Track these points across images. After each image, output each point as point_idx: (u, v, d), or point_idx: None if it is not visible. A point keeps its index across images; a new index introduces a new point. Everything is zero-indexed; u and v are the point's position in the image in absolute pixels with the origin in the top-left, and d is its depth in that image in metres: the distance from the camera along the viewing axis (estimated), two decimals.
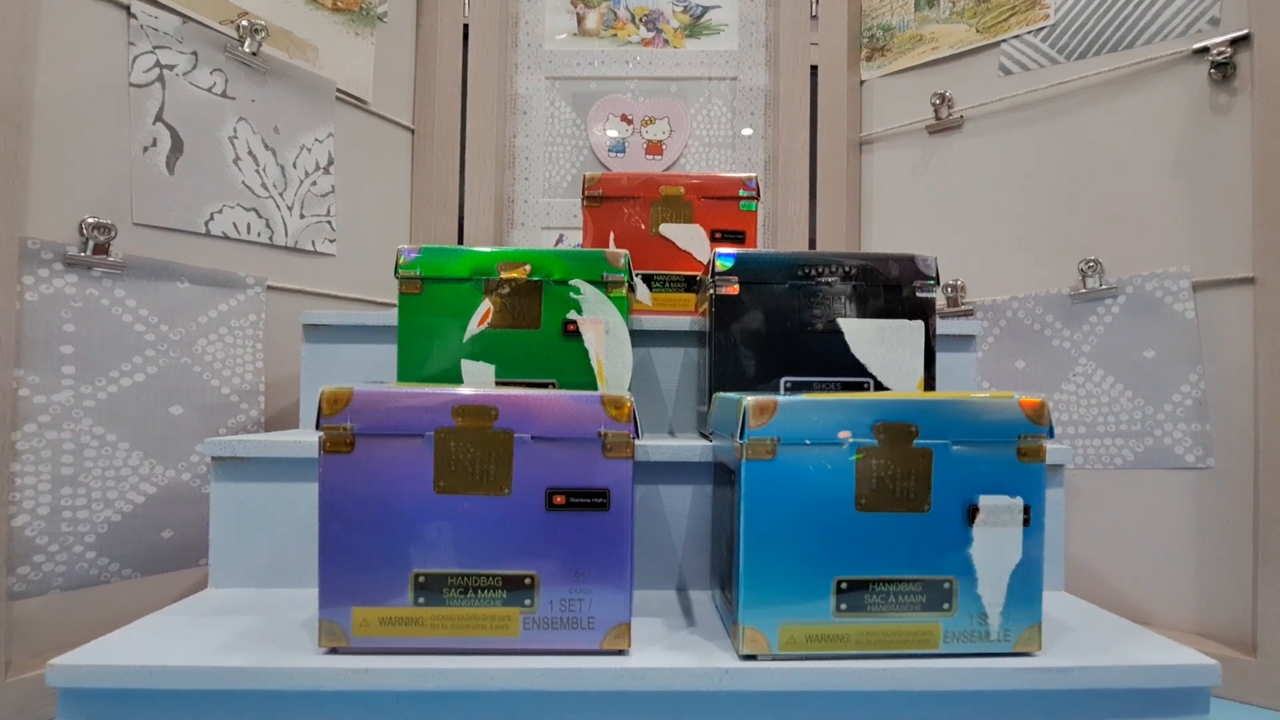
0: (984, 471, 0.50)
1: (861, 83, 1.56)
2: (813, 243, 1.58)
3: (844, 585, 0.49)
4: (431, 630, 0.51)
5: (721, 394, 0.63)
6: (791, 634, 0.49)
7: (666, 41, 1.66)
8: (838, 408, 0.49)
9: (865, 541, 0.49)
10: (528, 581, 0.52)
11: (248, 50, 1.16)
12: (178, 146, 1.08)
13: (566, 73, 1.66)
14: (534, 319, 0.75)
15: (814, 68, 1.59)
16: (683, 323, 0.90)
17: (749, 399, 0.49)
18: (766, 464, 0.49)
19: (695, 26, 1.67)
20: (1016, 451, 0.49)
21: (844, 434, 0.49)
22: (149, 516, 1.01)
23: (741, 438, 0.49)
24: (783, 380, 0.75)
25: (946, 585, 0.50)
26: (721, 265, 0.75)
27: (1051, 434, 0.50)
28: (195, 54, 1.10)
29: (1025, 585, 0.50)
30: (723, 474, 0.60)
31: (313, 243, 1.29)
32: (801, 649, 0.49)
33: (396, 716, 0.51)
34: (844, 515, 0.49)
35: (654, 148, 1.64)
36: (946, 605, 0.50)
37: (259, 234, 1.19)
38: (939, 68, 1.43)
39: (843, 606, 0.49)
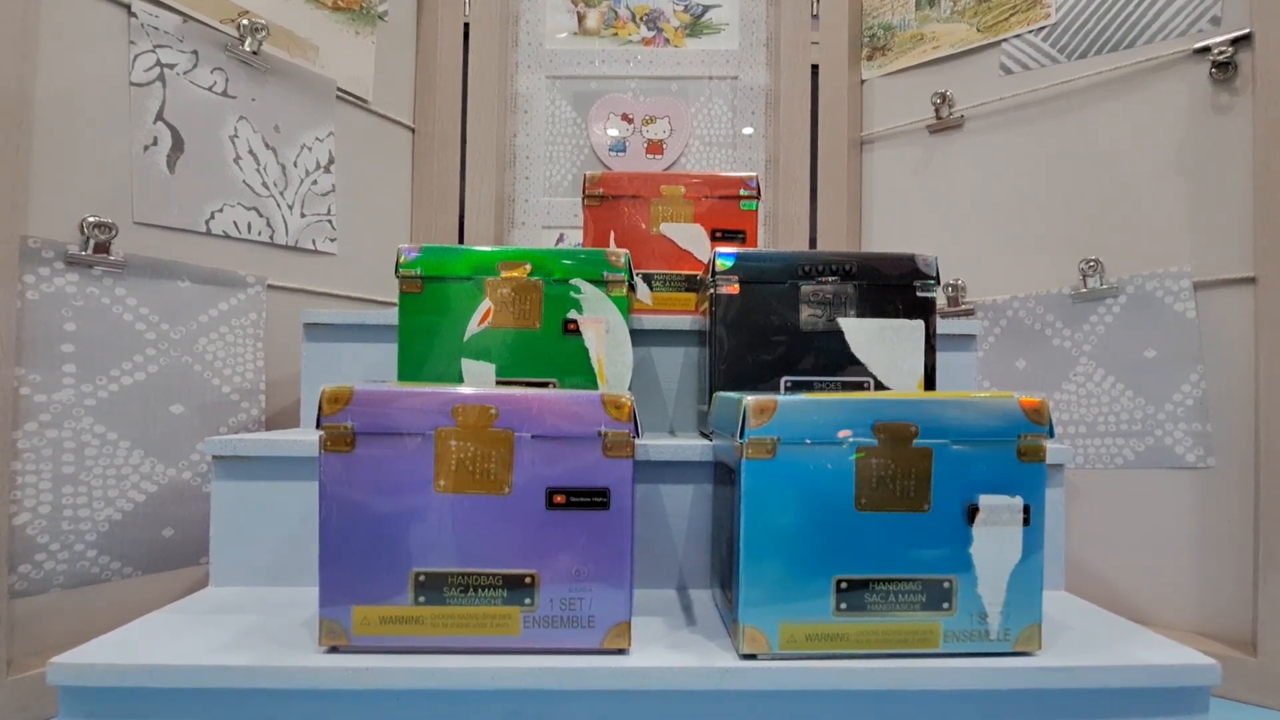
0: (984, 471, 0.50)
1: (862, 82, 1.56)
2: (813, 242, 1.58)
3: (844, 584, 0.49)
4: (432, 629, 0.51)
5: (721, 393, 0.63)
6: (792, 633, 0.49)
7: (667, 41, 1.66)
8: (838, 407, 0.49)
9: (865, 541, 0.49)
10: (528, 580, 0.52)
11: (248, 49, 1.16)
12: (178, 145, 1.08)
13: (567, 72, 1.66)
14: (534, 318, 0.75)
15: (815, 67, 1.59)
16: (683, 322, 0.90)
17: (749, 399, 0.49)
18: (767, 463, 0.49)
19: (696, 26, 1.67)
20: (1017, 451, 0.49)
21: (844, 433, 0.49)
22: (150, 515, 1.01)
23: (741, 437, 0.49)
24: (783, 380, 0.75)
25: (946, 584, 0.50)
26: (722, 265, 0.75)
27: (1052, 434, 0.50)
28: (196, 53, 1.10)
29: (1025, 584, 0.50)
30: (723, 473, 0.60)
31: (313, 242, 1.29)
32: (802, 648, 0.49)
33: (397, 715, 0.51)
34: (844, 514, 0.49)
35: (654, 147, 1.64)
36: (946, 605, 0.50)
37: (259, 233, 1.19)
38: (940, 67, 1.43)
39: (843, 606, 0.49)
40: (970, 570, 0.50)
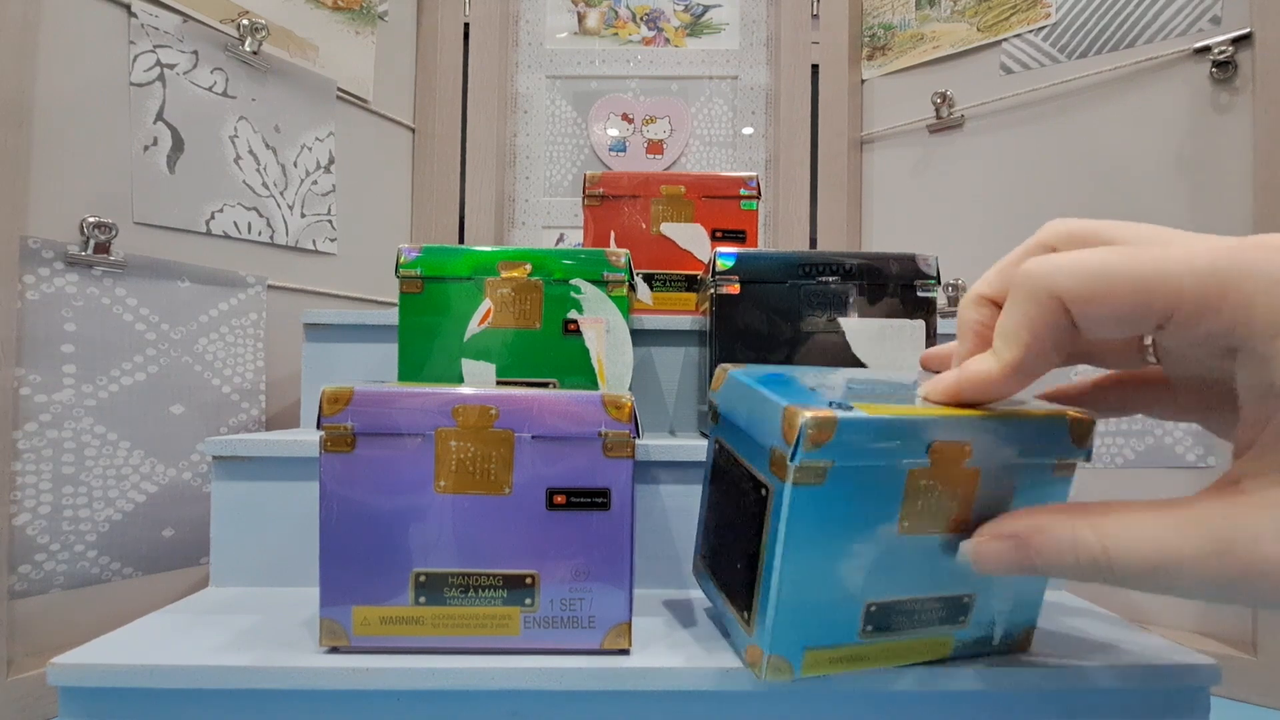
0: (1020, 487, 0.46)
1: (862, 82, 1.56)
2: (813, 242, 1.58)
3: (873, 608, 0.46)
4: (432, 629, 0.51)
5: (753, 389, 0.51)
6: (816, 658, 0.45)
7: (667, 40, 1.66)
8: (897, 426, 0.42)
9: (902, 564, 0.45)
10: (528, 581, 0.52)
11: (248, 49, 1.16)
12: (178, 145, 1.08)
13: (567, 72, 1.66)
14: (535, 318, 0.75)
15: (815, 67, 1.59)
16: (683, 322, 0.90)
17: (807, 414, 0.40)
18: (816, 489, 0.42)
19: (696, 25, 1.67)
20: (1053, 468, 0.46)
21: (898, 453, 0.42)
22: (150, 515, 1.01)
23: (793, 459, 0.41)
24: None
25: (966, 600, 0.48)
26: (722, 264, 0.75)
27: (1089, 457, 0.44)
28: (196, 53, 1.10)
29: (1028, 590, 0.50)
30: (739, 477, 0.55)
31: (313, 242, 1.29)
32: (825, 671, 0.46)
33: (397, 716, 0.51)
34: (886, 538, 0.44)
35: (655, 147, 1.64)
36: (962, 619, 0.48)
37: (260, 233, 1.19)
38: (940, 66, 1.43)
39: (869, 628, 0.46)
40: (989, 584, 0.48)
